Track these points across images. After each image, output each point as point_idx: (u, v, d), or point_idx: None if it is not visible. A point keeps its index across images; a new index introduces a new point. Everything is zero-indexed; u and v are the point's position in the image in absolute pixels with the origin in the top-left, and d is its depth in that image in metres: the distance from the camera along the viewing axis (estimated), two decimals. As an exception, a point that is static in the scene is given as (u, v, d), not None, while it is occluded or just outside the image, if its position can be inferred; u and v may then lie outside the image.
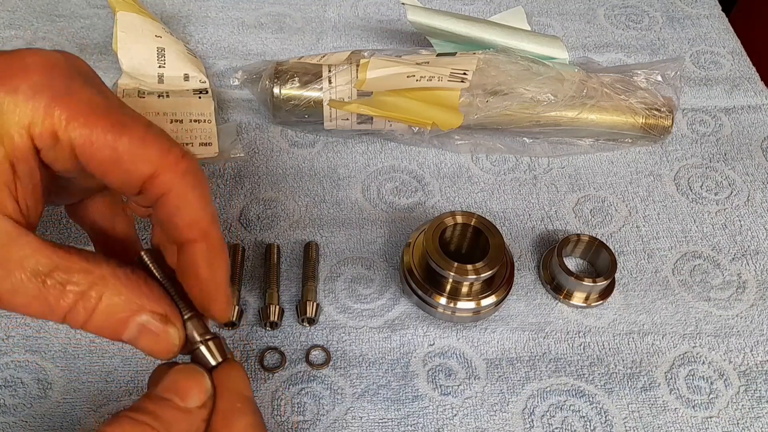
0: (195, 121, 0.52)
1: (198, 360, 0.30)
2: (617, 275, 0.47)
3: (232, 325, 0.43)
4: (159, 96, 0.53)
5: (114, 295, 0.27)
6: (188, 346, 0.30)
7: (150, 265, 0.30)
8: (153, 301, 0.28)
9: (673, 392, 0.42)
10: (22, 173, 0.26)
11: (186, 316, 0.30)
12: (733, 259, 0.49)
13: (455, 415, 0.41)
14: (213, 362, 0.30)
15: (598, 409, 0.41)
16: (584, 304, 0.46)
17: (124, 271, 0.28)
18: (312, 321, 0.44)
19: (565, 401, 0.42)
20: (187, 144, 0.52)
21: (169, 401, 0.28)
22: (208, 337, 0.30)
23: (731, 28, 0.69)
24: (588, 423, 0.41)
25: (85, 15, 0.65)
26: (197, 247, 0.29)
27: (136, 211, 0.33)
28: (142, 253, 0.30)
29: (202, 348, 0.30)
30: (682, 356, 0.44)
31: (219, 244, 0.30)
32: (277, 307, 0.44)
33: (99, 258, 0.27)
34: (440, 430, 0.40)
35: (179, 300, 0.30)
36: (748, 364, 0.44)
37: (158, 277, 0.30)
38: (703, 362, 0.44)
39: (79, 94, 0.27)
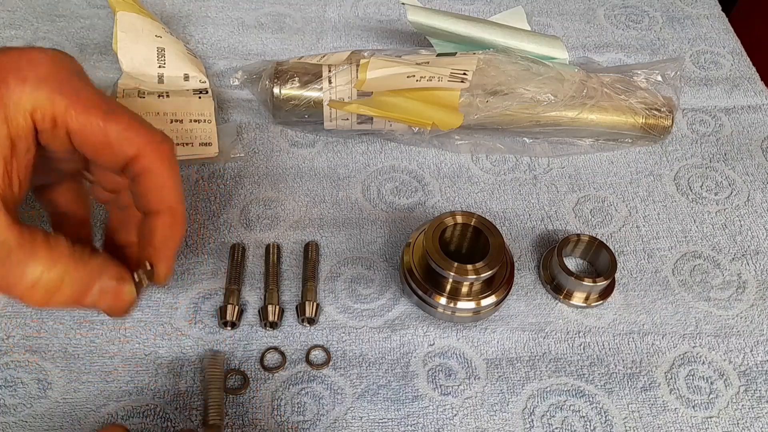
0: (195, 121, 0.52)
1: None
2: (617, 275, 0.47)
3: (232, 325, 0.43)
4: (159, 96, 0.53)
5: (74, 272, 0.31)
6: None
7: None
8: (109, 266, 0.33)
9: (673, 392, 0.42)
10: (20, 150, 0.30)
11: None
12: (733, 259, 0.49)
13: (455, 415, 0.41)
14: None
15: (598, 409, 0.41)
16: (584, 304, 0.46)
17: (81, 247, 0.32)
18: (312, 321, 0.44)
19: (565, 401, 0.42)
20: (186, 144, 0.52)
21: None
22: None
23: (731, 28, 0.69)
24: (588, 423, 0.41)
25: (85, 15, 0.65)
26: (162, 217, 0.34)
27: (97, 196, 0.38)
28: None
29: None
30: (682, 356, 0.44)
31: (181, 219, 0.35)
32: (277, 307, 0.44)
33: (59, 238, 0.31)
34: (440, 430, 0.40)
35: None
36: (748, 364, 0.44)
37: None
38: (703, 362, 0.44)
39: (77, 87, 0.31)
